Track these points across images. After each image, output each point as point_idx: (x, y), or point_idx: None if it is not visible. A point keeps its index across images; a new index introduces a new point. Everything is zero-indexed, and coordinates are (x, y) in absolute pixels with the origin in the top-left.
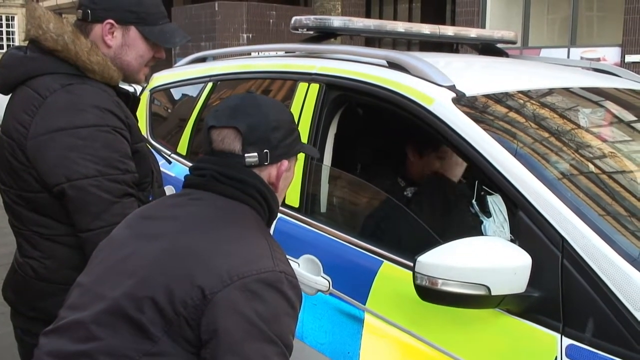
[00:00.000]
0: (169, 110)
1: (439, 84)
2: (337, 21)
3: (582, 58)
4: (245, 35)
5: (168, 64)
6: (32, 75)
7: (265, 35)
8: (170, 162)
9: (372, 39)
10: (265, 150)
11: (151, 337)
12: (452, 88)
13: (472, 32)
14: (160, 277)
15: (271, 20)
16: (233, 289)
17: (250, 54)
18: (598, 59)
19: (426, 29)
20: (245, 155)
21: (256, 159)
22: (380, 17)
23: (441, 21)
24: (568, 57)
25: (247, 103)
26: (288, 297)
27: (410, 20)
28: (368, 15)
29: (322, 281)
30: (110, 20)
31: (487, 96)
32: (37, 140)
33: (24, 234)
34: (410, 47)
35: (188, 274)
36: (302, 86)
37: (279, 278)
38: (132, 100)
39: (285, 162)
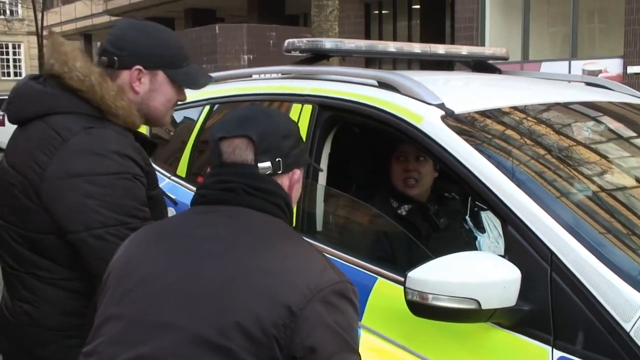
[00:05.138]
0: (170, 134)
1: (428, 102)
2: (328, 43)
3: (583, 70)
4: (246, 57)
5: None
6: (51, 112)
7: (265, 56)
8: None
9: (373, 59)
10: (277, 159)
11: None
12: (441, 106)
13: (464, 50)
14: (239, 299)
15: (271, 41)
16: (316, 303)
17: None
18: (600, 71)
19: (417, 48)
20: (259, 164)
21: (270, 168)
22: (380, 35)
23: (440, 37)
24: (569, 69)
25: (256, 112)
26: (356, 306)
27: (410, 37)
28: (367, 33)
29: None
30: (139, 66)
31: (476, 113)
32: (55, 183)
33: (19, 276)
34: (410, 66)
35: (269, 293)
36: (295, 107)
37: (348, 288)
38: (149, 145)
39: (297, 172)
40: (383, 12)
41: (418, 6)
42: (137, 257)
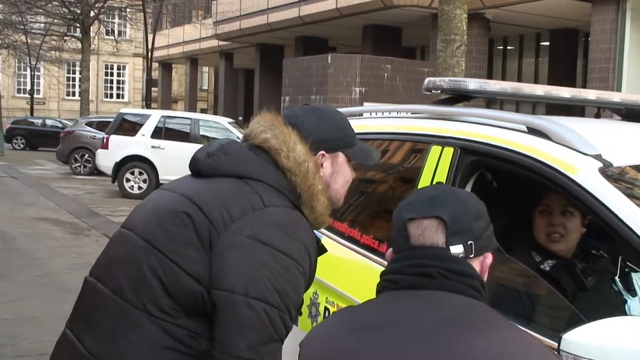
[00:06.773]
0: None
1: (584, 152)
2: (472, 84)
3: None
4: (357, 89)
5: None
6: (255, 178)
7: (378, 89)
8: None
9: (495, 100)
10: (469, 242)
11: None
12: (598, 157)
13: (616, 97)
14: None
15: (386, 74)
16: None
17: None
18: None
19: (565, 92)
20: (450, 247)
21: (462, 251)
22: (503, 73)
23: (571, 78)
24: None
25: (444, 192)
26: None
27: (536, 76)
28: (490, 70)
29: None
30: (322, 152)
31: (637, 167)
32: (236, 238)
33: (126, 309)
34: (535, 108)
35: None
36: (435, 149)
37: None
38: (320, 251)
39: (489, 256)
40: (508, 47)
41: (547, 43)
42: (344, 348)
